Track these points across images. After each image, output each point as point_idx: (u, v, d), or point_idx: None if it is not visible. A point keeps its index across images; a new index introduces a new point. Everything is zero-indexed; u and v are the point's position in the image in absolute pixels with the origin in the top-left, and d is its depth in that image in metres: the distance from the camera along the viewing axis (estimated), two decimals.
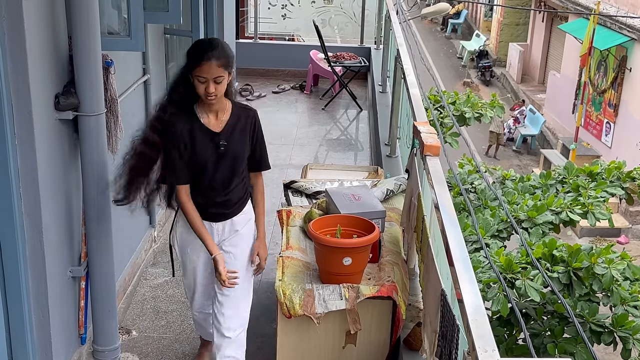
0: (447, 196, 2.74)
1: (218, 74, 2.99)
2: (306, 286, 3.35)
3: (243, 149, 3.26)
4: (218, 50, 3.01)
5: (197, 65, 2.99)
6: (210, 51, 2.99)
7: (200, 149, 3.14)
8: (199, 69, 2.98)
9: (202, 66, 2.98)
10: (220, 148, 3.16)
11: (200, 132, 3.14)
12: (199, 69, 2.98)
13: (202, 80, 3.00)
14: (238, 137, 3.22)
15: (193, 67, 3.00)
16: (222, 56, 3.01)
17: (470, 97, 7.19)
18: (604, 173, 6.73)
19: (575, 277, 4.94)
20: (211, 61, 2.97)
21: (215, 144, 3.16)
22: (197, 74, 3.00)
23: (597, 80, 17.18)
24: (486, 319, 1.83)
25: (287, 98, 9.64)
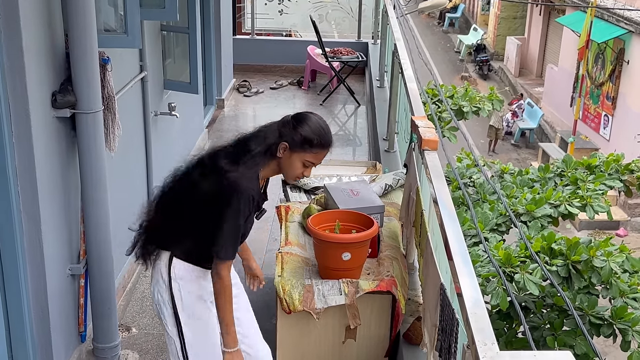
0: (445, 190, 2.74)
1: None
2: (305, 282, 3.35)
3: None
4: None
5: (316, 152, 2.71)
6: (331, 141, 2.77)
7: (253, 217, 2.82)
8: (316, 156, 2.73)
9: (320, 154, 2.74)
10: (262, 213, 2.91)
11: (260, 199, 2.83)
12: (317, 155, 2.73)
13: (308, 165, 2.75)
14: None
15: (309, 150, 2.70)
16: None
17: (468, 90, 7.19)
18: (602, 166, 6.72)
19: (574, 270, 4.94)
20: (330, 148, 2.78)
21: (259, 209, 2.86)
22: (309, 159, 2.73)
23: (594, 73, 17.17)
24: (485, 312, 1.83)
25: (284, 94, 9.64)
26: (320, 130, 2.73)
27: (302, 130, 2.68)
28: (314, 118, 2.77)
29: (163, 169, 5.40)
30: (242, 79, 9.78)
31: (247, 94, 9.44)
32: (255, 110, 8.90)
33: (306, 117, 2.75)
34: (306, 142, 2.69)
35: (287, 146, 2.68)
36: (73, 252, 3.64)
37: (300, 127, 2.69)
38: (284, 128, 2.70)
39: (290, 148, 2.69)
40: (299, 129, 2.68)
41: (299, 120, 2.71)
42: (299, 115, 2.77)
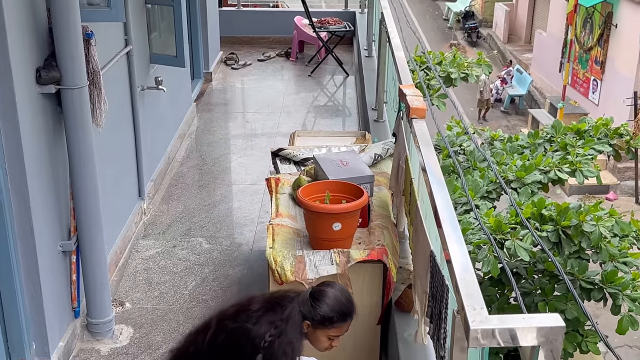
0: (433, 158, 2.74)
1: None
2: (297, 253, 3.36)
3: None
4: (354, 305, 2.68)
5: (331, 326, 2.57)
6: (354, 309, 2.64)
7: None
8: (338, 329, 2.59)
9: (343, 326, 2.61)
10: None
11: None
12: (339, 329, 2.60)
13: (333, 338, 2.61)
14: None
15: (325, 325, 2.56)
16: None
17: (456, 57, 7.14)
18: (591, 130, 6.72)
19: (564, 235, 4.96)
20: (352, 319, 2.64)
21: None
22: (333, 334, 2.59)
23: (583, 37, 17.12)
24: (474, 277, 1.84)
25: (272, 66, 9.58)
26: (339, 306, 2.60)
27: (320, 311, 2.56)
28: (332, 293, 2.63)
29: (152, 143, 5.40)
30: (229, 52, 9.70)
31: (234, 67, 9.37)
32: (243, 83, 8.85)
33: (324, 294, 2.60)
34: (326, 321, 2.57)
35: (309, 324, 2.56)
36: (63, 229, 3.63)
37: (319, 306, 2.57)
38: (304, 307, 2.56)
39: (313, 326, 2.57)
40: (317, 309, 2.55)
41: (316, 299, 2.58)
42: (316, 292, 2.62)
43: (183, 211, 5.44)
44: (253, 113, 7.77)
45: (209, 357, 2.44)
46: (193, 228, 5.20)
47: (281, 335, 2.39)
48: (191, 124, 7.14)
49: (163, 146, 5.89)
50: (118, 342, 3.93)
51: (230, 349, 2.41)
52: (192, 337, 2.53)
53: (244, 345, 2.39)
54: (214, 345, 2.42)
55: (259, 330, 2.38)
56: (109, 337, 3.92)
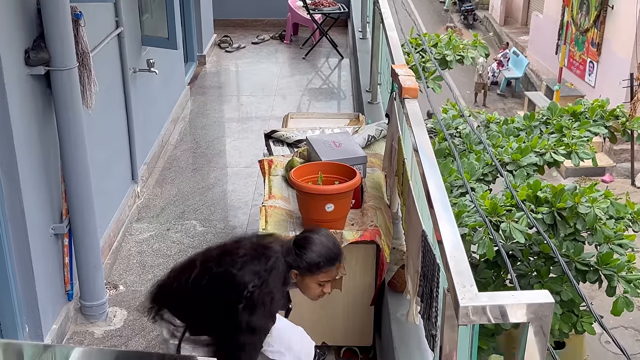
0: (425, 138, 2.72)
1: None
2: (290, 234, 3.34)
3: None
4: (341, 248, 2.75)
5: (329, 270, 2.63)
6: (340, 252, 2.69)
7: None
8: (327, 274, 2.64)
9: (331, 271, 2.66)
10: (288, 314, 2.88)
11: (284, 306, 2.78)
12: (328, 273, 2.64)
13: (324, 284, 2.66)
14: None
15: (312, 272, 2.61)
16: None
17: (452, 39, 7.10)
18: (587, 112, 6.70)
19: (559, 217, 4.95)
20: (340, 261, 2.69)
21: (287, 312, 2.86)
22: (323, 279, 2.64)
23: (579, 19, 17.04)
24: (464, 255, 1.83)
25: (267, 48, 9.52)
26: (325, 251, 2.62)
27: (306, 258, 2.58)
28: (317, 239, 2.64)
29: (145, 126, 5.37)
30: (223, 34, 9.64)
31: (228, 50, 9.32)
32: (237, 66, 8.80)
33: (308, 241, 2.63)
34: (313, 267, 2.59)
35: (297, 273, 2.60)
36: (55, 212, 3.61)
37: (304, 254, 2.59)
38: (289, 257, 2.58)
39: (301, 274, 2.61)
40: (303, 256, 2.58)
41: (302, 247, 2.61)
42: (301, 239, 2.65)
43: (177, 194, 5.42)
44: (247, 96, 7.73)
45: (191, 296, 2.50)
46: (187, 211, 5.18)
47: (262, 286, 2.42)
48: (185, 107, 7.11)
49: (156, 129, 5.85)
50: (112, 325, 3.92)
51: (213, 292, 2.45)
52: (176, 274, 2.59)
53: (227, 291, 2.43)
54: (197, 286, 2.47)
55: (243, 278, 2.41)
56: (102, 319, 3.91)
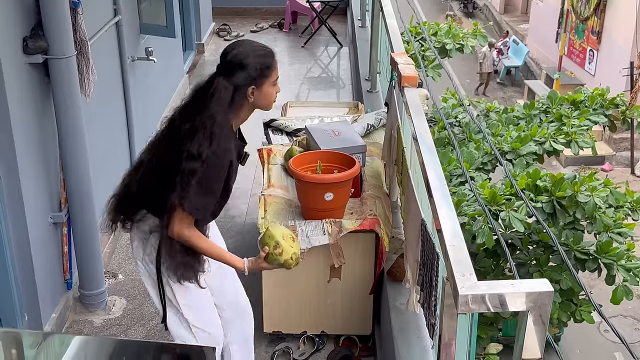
0: (425, 126, 2.71)
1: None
2: (289, 223, 3.34)
3: None
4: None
5: (272, 70, 2.65)
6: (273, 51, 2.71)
7: (236, 166, 2.74)
8: (274, 73, 2.66)
9: (276, 66, 2.68)
10: (246, 158, 2.81)
11: (237, 147, 2.73)
12: (274, 73, 2.66)
13: (276, 82, 2.69)
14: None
15: (266, 75, 2.62)
16: None
17: (451, 27, 7.08)
18: (587, 101, 6.68)
19: (558, 206, 4.95)
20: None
21: (240, 155, 2.77)
22: (274, 77, 2.67)
23: (579, 7, 16.99)
24: (464, 244, 1.82)
25: (265, 37, 9.49)
26: (261, 50, 2.66)
27: (255, 65, 2.59)
28: (247, 46, 2.64)
29: (144, 115, 5.36)
30: (221, 23, 9.60)
31: (227, 38, 9.28)
32: None
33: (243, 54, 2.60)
34: (264, 70, 2.62)
35: (254, 88, 2.61)
36: (54, 201, 3.61)
37: (251, 64, 2.59)
38: (236, 79, 2.57)
39: (258, 86, 2.62)
40: (251, 67, 2.58)
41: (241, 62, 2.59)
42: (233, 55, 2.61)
43: None
44: None
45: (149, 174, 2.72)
46: None
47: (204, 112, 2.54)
48: (183, 95, 7.07)
49: (155, 118, 5.83)
50: (111, 314, 3.93)
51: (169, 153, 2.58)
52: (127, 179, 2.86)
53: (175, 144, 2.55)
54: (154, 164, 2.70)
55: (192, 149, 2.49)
56: (101, 308, 3.92)
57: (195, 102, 2.60)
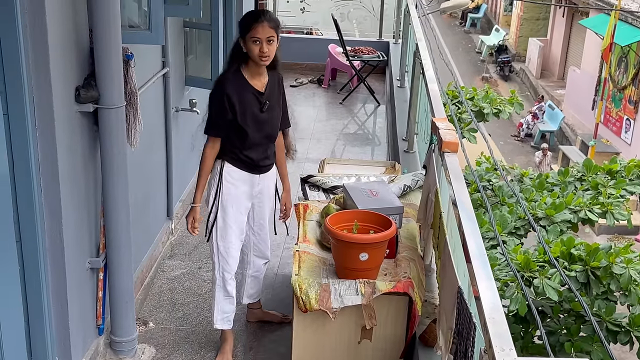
0: (465, 193, 2.73)
1: (270, 34, 3.43)
2: (322, 281, 3.35)
3: (279, 108, 3.75)
4: (268, 14, 3.53)
5: (251, 28, 3.41)
6: (261, 14, 3.47)
7: (250, 107, 3.56)
8: (253, 31, 3.41)
9: (256, 28, 3.40)
10: (265, 106, 3.61)
11: (248, 92, 3.56)
12: (254, 30, 3.41)
13: (256, 42, 3.42)
14: (276, 96, 3.70)
15: (248, 30, 3.42)
16: (272, 19, 3.49)
17: (488, 92, 7.16)
18: (623, 171, 6.67)
19: (593, 276, 4.91)
20: (264, 22, 3.41)
21: (260, 103, 3.59)
22: (252, 36, 3.41)
23: (617, 76, 17.01)
24: (504, 317, 1.82)
25: (304, 92, 9.64)
26: (247, 13, 3.55)
27: (241, 21, 3.49)
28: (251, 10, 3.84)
29: (183, 165, 5.45)
30: None
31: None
32: None
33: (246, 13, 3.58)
34: (245, 26, 3.45)
35: (242, 39, 3.47)
36: (93, 246, 3.67)
37: (241, 20, 3.51)
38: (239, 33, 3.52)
39: (243, 37, 3.47)
40: (240, 22, 3.49)
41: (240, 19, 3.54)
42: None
43: None
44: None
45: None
46: None
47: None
48: None
49: (193, 167, 5.91)
50: None
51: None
52: None
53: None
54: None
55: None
56: (131, 355, 3.93)
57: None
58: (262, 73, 3.60)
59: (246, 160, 3.67)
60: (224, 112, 3.53)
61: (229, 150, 3.65)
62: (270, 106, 3.64)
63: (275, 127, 3.74)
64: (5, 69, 2.87)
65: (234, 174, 3.68)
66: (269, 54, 3.45)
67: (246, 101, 3.55)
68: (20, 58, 2.87)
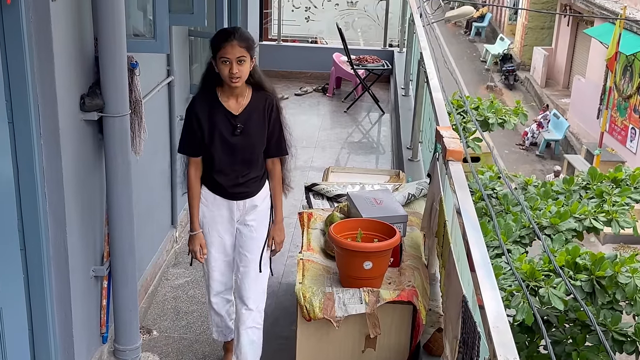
0: (469, 201, 2.73)
1: (240, 54, 3.23)
2: (326, 289, 3.35)
3: (260, 133, 3.44)
4: (239, 33, 3.29)
5: (221, 47, 3.23)
6: (231, 34, 3.26)
7: (219, 129, 3.36)
8: (222, 51, 3.22)
9: (225, 47, 3.22)
10: (237, 130, 3.36)
11: (219, 112, 3.36)
12: (223, 50, 3.22)
13: (225, 62, 3.23)
14: (255, 121, 3.41)
15: (217, 50, 3.24)
16: (243, 38, 3.27)
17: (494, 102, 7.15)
18: (628, 179, 6.65)
19: (598, 285, 4.89)
20: (233, 42, 3.22)
21: (232, 125, 3.36)
22: (221, 56, 3.23)
23: (622, 85, 16.99)
24: (508, 326, 1.82)
25: (309, 100, 9.66)
26: (218, 31, 3.37)
27: (211, 42, 3.32)
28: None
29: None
30: None
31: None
32: None
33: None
34: (214, 47, 3.29)
35: (212, 59, 3.31)
36: (97, 254, 3.67)
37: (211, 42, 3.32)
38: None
39: (213, 57, 3.29)
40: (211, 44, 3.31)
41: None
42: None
43: None
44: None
45: None
46: None
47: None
48: None
49: None
50: None
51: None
52: None
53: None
54: None
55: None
56: None
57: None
58: (239, 94, 3.37)
59: (216, 185, 3.48)
60: (193, 131, 3.38)
61: (204, 172, 3.49)
62: (246, 131, 3.38)
63: (253, 153, 3.44)
64: (10, 77, 2.88)
65: (208, 196, 3.51)
66: (240, 74, 3.25)
67: (215, 122, 3.35)
68: (25, 66, 2.88)
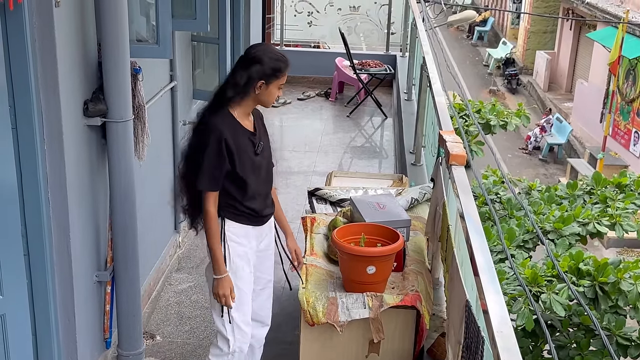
0: (472, 206, 2.72)
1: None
2: (330, 294, 3.34)
3: (269, 146, 3.33)
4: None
5: (282, 75, 3.08)
6: (288, 60, 3.13)
7: (246, 151, 3.12)
8: (283, 78, 3.10)
9: (285, 75, 3.10)
10: (259, 147, 3.19)
11: (241, 134, 3.10)
12: (283, 77, 3.10)
13: (282, 87, 3.13)
14: (264, 135, 3.29)
15: (278, 77, 3.07)
16: None
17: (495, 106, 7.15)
18: (632, 184, 6.64)
19: (601, 291, 4.87)
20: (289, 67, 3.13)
21: (254, 144, 3.16)
22: (281, 83, 3.10)
23: (625, 89, 16.98)
24: (512, 331, 1.81)
25: (312, 105, 9.66)
26: (279, 56, 3.12)
27: (270, 64, 3.05)
28: (269, 48, 3.18)
29: None
30: None
31: (274, 105, 9.47)
32: (282, 121, 8.94)
33: (264, 51, 3.10)
34: (276, 71, 3.06)
35: (263, 82, 3.05)
36: (100, 259, 3.67)
37: (266, 61, 3.05)
38: (252, 68, 3.04)
39: (267, 82, 3.06)
40: (266, 64, 3.04)
41: (260, 58, 3.06)
42: (256, 51, 3.10)
43: None
44: (290, 151, 7.83)
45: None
46: None
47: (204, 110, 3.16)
48: None
49: None
50: None
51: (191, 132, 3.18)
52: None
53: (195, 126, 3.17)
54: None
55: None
56: None
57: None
58: (250, 111, 3.18)
59: (248, 213, 3.18)
60: (222, 161, 3.03)
61: (227, 205, 3.14)
62: (264, 147, 3.22)
63: (270, 169, 3.29)
64: (14, 82, 2.89)
65: (238, 231, 3.18)
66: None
67: (240, 145, 3.08)
68: (29, 72, 2.89)
